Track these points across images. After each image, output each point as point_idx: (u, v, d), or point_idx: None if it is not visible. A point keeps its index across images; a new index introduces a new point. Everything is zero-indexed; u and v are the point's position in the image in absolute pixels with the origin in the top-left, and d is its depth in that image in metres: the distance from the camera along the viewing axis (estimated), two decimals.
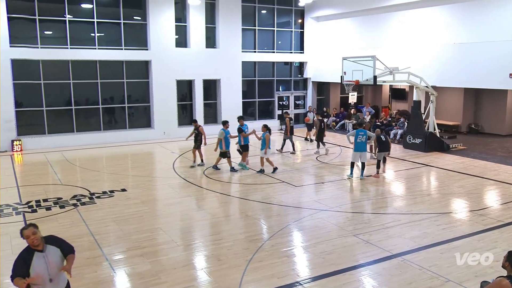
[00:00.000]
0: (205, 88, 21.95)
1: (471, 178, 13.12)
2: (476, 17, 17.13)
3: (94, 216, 9.87)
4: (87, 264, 7.36)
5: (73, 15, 18.82)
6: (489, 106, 21.21)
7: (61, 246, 4.81)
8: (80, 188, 12.28)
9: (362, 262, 7.44)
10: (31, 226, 4.73)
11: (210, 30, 21.95)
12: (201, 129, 14.93)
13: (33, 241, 4.64)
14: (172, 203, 11.07)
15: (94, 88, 19.54)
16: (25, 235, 4.64)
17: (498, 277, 4.58)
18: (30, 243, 4.66)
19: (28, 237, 4.64)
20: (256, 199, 11.20)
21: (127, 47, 19.96)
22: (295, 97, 25.26)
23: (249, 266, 7.29)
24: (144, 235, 8.78)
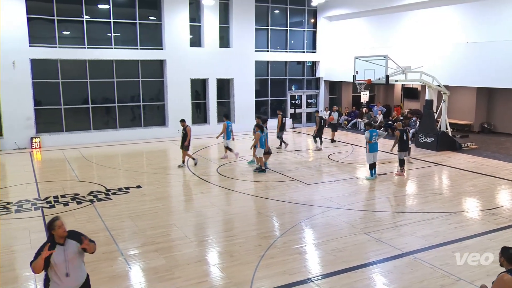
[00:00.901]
0: (218, 87, 21.99)
1: (483, 177, 12.94)
2: (488, 16, 16.88)
3: (110, 212, 9.97)
4: (103, 259, 7.43)
5: (90, 15, 19.00)
6: (502, 105, 20.89)
7: (81, 241, 4.87)
8: (96, 184, 12.40)
9: (373, 260, 7.39)
10: (59, 218, 4.88)
11: (224, 30, 21.98)
12: (188, 130, 14.45)
13: (63, 231, 4.80)
14: (185, 199, 11.13)
15: (110, 87, 19.72)
16: (57, 226, 4.77)
17: (500, 273, 4.57)
18: (60, 234, 4.78)
19: (60, 227, 4.78)
20: (268, 196, 11.20)
21: (142, 46, 20.09)
22: (307, 96, 25.17)
23: (261, 262, 7.30)
24: (159, 231, 8.85)
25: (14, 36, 17.30)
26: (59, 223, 4.79)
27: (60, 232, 4.78)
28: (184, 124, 14.63)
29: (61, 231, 4.78)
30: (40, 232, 8.71)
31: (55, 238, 4.78)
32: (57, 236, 4.77)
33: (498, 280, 4.54)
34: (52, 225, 4.77)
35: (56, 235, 4.77)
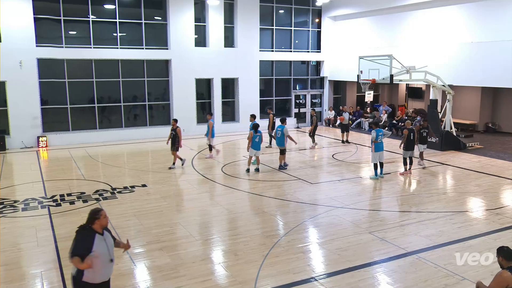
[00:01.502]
0: (223, 87, 22.01)
1: (488, 177, 12.88)
2: (493, 16, 16.78)
3: (115, 211, 10.00)
4: None
5: (96, 15, 19.07)
6: (507, 105, 20.78)
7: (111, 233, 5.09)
8: (102, 183, 12.45)
9: (377, 259, 7.38)
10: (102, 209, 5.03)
11: (229, 30, 21.99)
12: (179, 131, 14.03)
13: (107, 221, 4.93)
14: (190, 198, 11.15)
15: (116, 87, 19.78)
16: (103, 215, 4.87)
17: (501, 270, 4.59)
18: (105, 224, 4.90)
19: (105, 216, 4.90)
20: (273, 195, 11.20)
21: (148, 46, 20.14)
22: (312, 95, 25.13)
23: (265, 261, 7.30)
24: (164, 229, 8.87)
25: (21, 36, 17.39)
26: (104, 213, 4.91)
27: (105, 222, 4.90)
28: (175, 124, 14.23)
29: (105, 221, 4.91)
30: (47, 230, 8.76)
31: (95, 227, 4.84)
32: (99, 226, 4.86)
33: (497, 276, 4.57)
34: (98, 214, 4.87)
35: (99, 225, 4.86)
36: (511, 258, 4.63)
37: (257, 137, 13.51)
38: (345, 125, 18.73)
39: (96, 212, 4.89)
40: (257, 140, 13.54)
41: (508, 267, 4.58)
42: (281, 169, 13.85)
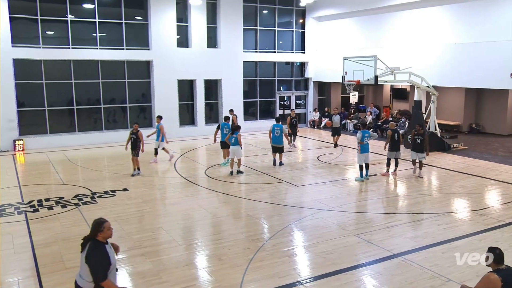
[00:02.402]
0: (206, 88, 21.96)
1: (472, 178, 13.10)
2: (477, 17, 17.10)
3: (95, 216, 9.71)
4: None
5: (75, 15, 18.85)
6: (490, 106, 21.19)
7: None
8: (81, 187, 12.29)
9: (363, 262, 7.44)
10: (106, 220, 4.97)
11: (212, 30, 21.96)
12: (140, 134, 13.64)
13: (111, 233, 4.89)
14: (173, 202, 11.08)
15: (95, 88, 19.56)
16: (106, 227, 4.82)
17: (488, 272, 4.65)
18: (108, 236, 4.86)
19: (109, 229, 4.85)
20: (257, 198, 11.20)
21: (128, 47, 19.98)
22: (296, 97, 25.24)
23: (250, 265, 7.29)
24: (146, 234, 8.79)
25: None
26: (107, 225, 4.85)
27: (108, 234, 4.86)
28: (137, 128, 13.83)
29: (109, 233, 4.87)
30: (24, 237, 8.61)
31: (100, 239, 4.81)
32: (102, 238, 4.82)
33: (484, 278, 4.61)
34: (101, 227, 4.80)
35: (102, 237, 4.81)
36: (501, 261, 4.68)
37: (233, 139, 13.56)
38: (336, 128, 18.38)
39: (99, 224, 4.82)
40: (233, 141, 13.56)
41: (496, 270, 4.64)
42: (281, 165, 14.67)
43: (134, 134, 13.64)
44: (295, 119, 18.32)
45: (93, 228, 4.82)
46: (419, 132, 13.35)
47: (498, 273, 4.55)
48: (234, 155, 13.63)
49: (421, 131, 13.43)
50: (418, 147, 13.23)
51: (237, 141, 13.48)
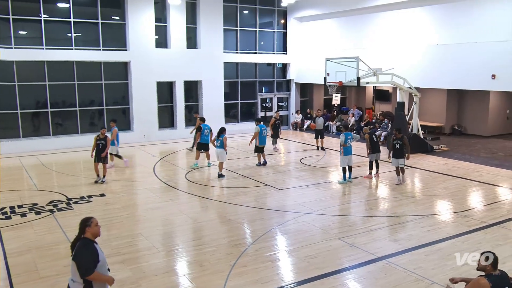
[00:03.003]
0: (186, 90, 21.86)
1: (455, 180, 13.34)
2: (459, 18, 17.43)
3: (71, 222, 9.71)
4: (64, 273, 7.22)
5: (49, 14, 18.57)
6: (472, 107, 21.62)
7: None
8: (56, 193, 12.10)
9: (347, 266, 7.49)
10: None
11: (191, 31, 21.89)
12: (108, 140, 13.26)
13: (98, 230, 4.95)
14: (152, 207, 10.98)
15: (71, 90, 19.26)
16: (94, 223, 4.89)
17: (479, 276, 4.74)
18: (97, 232, 4.93)
19: (96, 224, 4.92)
20: (239, 202, 11.19)
21: (105, 47, 19.76)
22: (278, 98, 25.33)
23: (233, 271, 7.28)
24: (124, 241, 8.69)
25: None
26: (95, 221, 4.91)
27: (96, 230, 4.90)
28: (104, 133, 13.32)
29: (97, 230, 4.92)
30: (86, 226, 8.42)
31: (88, 236, 4.84)
32: (90, 235, 4.86)
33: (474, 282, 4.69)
34: (89, 221, 4.87)
35: (90, 233, 4.85)
36: (495, 267, 4.79)
37: (218, 141, 13.66)
38: (320, 130, 18.49)
39: (87, 219, 4.91)
40: (219, 144, 13.65)
41: (488, 275, 4.72)
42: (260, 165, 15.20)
43: (103, 140, 13.09)
44: (279, 121, 18.43)
45: (81, 225, 4.88)
46: (397, 136, 12.96)
47: (488, 278, 4.63)
48: (217, 158, 13.70)
49: (399, 135, 13.00)
50: (398, 152, 12.82)
51: (222, 144, 13.52)
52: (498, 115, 21.39)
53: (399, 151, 12.80)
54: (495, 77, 15.74)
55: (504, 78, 15.58)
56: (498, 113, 21.39)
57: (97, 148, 13.09)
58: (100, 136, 13.18)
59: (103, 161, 13.10)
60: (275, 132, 18.19)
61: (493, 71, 15.76)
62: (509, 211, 10.28)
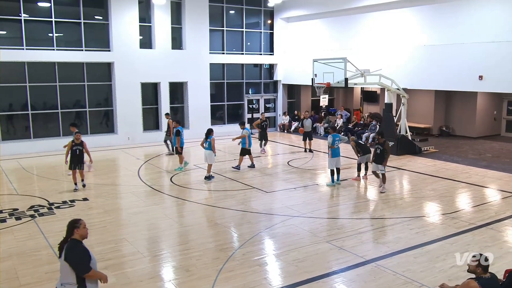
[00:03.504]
0: (171, 91, 21.78)
1: (443, 181, 13.49)
2: (446, 19, 17.65)
3: (53, 228, 9.61)
4: (46, 279, 7.15)
5: (29, 14, 18.36)
6: (460, 109, 21.90)
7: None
8: (38, 198, 11.95)
9: (336, 269, 7.52)
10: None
11: (176, 31, 21.83)
12: (85, 145, 12.70)
13: (86, 232, 5.03)
14: (137, 212, 10.91)
15: (52, 92, 19.06)
16: (82, 225, 4.99)
17: (468, 279, 4.81)
18: (84, 234, 4.99)
19: (85, 226, 4.99)
20: (226, 206, 11.17)
21: (87, 48, 19.60)
22: (265, 100, 25.37)
23: (220, 276, 7.25)
24: (108, 246, 8.62)
25: None
26: (83, 222, 5.01)
27: (84, 232, 4.98)
28: (80, 138, 12.65)
29: (86, 231, 5.00)
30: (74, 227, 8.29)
31: (77, 237, 4.90)
32: (80, 236, 4.92)
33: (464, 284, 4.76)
34: (78, 223, 4.95)
35: (80, 235, 4.92)
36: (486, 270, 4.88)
37: (207, 143, 13.69)
38: (308, 132, 18.43)
39: (76, 221, 4.99)
40: (207, 146, 13.68)
41: (478, 278, 4.80)
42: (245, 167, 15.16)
43: (79, 145, 12.47)
44: (266, 123, 18.41)
45: (69, 227, 4.94)
46: (379, 141, 12.58)
47: (479, 281, 4.72)
48: (206, 160, 13.73)
49: (381, 140, 12.56)
50: (378, 157, 12.39)
51: (211, 145, 13.54)
52: (486, 116, 21.71)
53: (379, 156, 12.37)
54: (482, 78, 15.99)
55: (491, 79, 15.84)
56: (486, 114, 21.71)
57: (73, 154, 12.46)
58: (76, 141, 12.52)
59: (80, 167, 12.64)
60: (263, 134, 18.19)
61: (480, 72, 16.01)
62: (497, 213, 10.43)
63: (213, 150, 13.64)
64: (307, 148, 18.48)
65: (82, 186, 12.89)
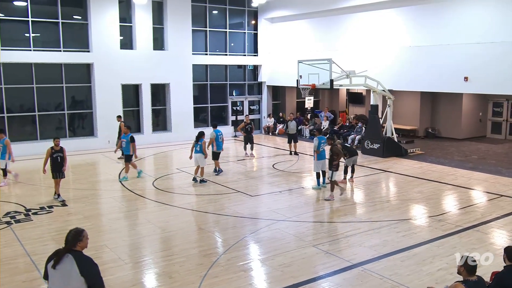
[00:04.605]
0: (153, 93, 21.65)
1: (429, 183, 13.64)
2: (432, 20, 17.88)
3: (30, 235, 9.47)
4: None
5: (4, 13, 18.09)
6: (445, 110, 22.20)
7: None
8: (14, 204, 11.76)
9: (322, 274, 7.55)
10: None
11: (158, 31, 21.73)
12: (65, 151, 12.09)
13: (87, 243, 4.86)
14: (118, 217, 10.81)
15: (29, 94, 18.78)
16: (85, 236, 4.79)
17: (455, 282, 4.88)
18: (85, 245, 4.83)
19: (87, 238, 4.82)
20: (210, 210, 11.14)
21: (66, 48, 19.37)
22: (250, 102, 25.39)
23: (204, 282, 7.22)
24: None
25: None
26: (86, 233, 4.81)
27: (87, 243, 4.83)
28: (59, 143, 12.12)
29: (87, 242, 4.83)
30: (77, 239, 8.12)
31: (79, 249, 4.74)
32: (81, 248, 4.76)
33: None
34: (81, 236, 4.74)
35: (81, 247, 4.75)
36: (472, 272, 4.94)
37: (198, 146, 13.70)
38: (293, 134, 18.50)
39: (79, 233, 4.74)
40: (198, 149, 13.70)
41: (465, 281, 4.87)
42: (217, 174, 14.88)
43: (59, 152, 11.90)
44: (250, 125, 18.30)
45: (72, 238, 4.70)
46: (329, 144, 12.46)
47: (466, 284, 4.78)
48: (197, 163, 13.76)
49: (330, 142, 12.44)
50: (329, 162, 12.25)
51: (202, 148, 13.62)
52: (471, 117, 22.04)
53: (329, 161, 12.26)
54: (467, 80, 16.24)
55: (477, 81, 16.09)
56: (471, 115, 22.04)
57: (54, 162, 11.91)
58: (55, 148, 11.96)
59: (62, 175, 12.13)
60: (248, 138, 18.07)
61: (466, 74, 16.26)
62: (484, 215, 10.59)
63: (204, 153, 13.66)
64: (292, 151, 18.51)
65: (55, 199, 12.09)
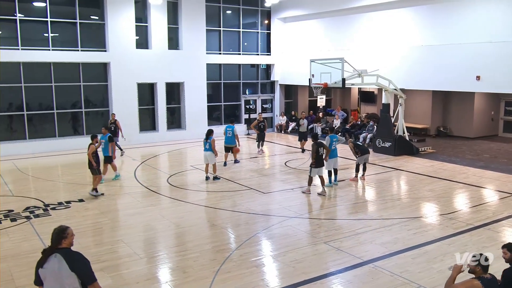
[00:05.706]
0: (168, 92, 21.76)
1: (441, 182, 13.51)
2: (444, 19, 17.70)
3: (49, 229, 9.48)
4: None
5: (25, 14, 18.30)
6: (457, 109, 21.95)
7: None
8: (33, 199, 11.90)
9: (333, 270, 7.53)
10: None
11: (173, 31, 21.81)
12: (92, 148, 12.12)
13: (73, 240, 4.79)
14: (133, 213, 10.88)
15: (48, 92, 19.01)
16: (70, 233, 4.70)
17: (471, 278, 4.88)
18: (72, 242, 4.74)
19: (72, 234, 4.76)
20: (223, 207, 11.16)
21: (83, 48, 19.56)
22: (262, 100, 25.37)
23: (217, 277, 7.25)
24: (104, 248, 8.59)
25: None
26: (71, 230, 4.74)
27: (72, 240, 4.75)
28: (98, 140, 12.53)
29: (73, 238, 4.76)
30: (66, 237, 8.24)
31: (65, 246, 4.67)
32: (68, 245, 4.70)
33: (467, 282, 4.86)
34: (65, 233, 4.66)
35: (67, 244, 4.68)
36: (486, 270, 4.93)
37: (207, 144, 13.71)
38: (304, 132, 18.56)
39: (62, 231, 4.66)
40: (208, 147, 13.71)
41: (480, 277, 4.87)
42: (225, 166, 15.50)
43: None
44: (263, 123, 18.33)
45: (56, 237, 4.63)
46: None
47: (481, 281, 4.78)
48: (207, 161, 13.80)
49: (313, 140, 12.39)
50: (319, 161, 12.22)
51: (211, 146, 13.63)
52: (483, 116, 21.77)
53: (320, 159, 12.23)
54: (479, 79, 16.03)
55: (489, 80, 15.88)
56: (483, 114, 21.77)
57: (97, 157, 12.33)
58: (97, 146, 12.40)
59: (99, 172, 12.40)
60: (260, 135, 18.12)
61: (478, 73, 16.05)
62: (495, 213, 10.46)
63: (214, 151, 13.68)
64: (304, 149, 18.47)
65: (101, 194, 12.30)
